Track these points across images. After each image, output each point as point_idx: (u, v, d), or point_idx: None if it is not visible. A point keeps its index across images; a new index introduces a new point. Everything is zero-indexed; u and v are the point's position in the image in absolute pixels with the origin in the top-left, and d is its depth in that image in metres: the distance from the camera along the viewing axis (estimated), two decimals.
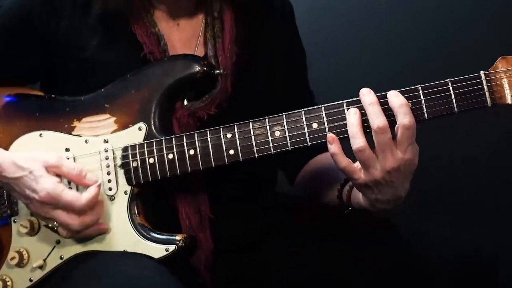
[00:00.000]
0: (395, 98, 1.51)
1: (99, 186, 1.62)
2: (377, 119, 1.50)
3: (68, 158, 1.68)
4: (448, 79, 1.51)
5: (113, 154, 1.68)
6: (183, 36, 1.83)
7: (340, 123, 1.56)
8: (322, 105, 1.58)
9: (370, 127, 1.52)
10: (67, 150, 1.70)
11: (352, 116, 1.53)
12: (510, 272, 1.82)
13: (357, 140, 1.51)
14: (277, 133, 1.60)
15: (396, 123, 1.50)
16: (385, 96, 1.53)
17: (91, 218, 1.62)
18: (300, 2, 2.03)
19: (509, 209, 2.55)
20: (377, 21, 2.64)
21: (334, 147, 1.54)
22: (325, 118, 1.57)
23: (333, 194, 1.77)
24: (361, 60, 2.64)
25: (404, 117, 1.49)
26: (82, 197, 1.59)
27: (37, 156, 1.62)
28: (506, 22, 2.54)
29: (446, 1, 2.60)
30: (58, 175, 1.63)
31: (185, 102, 1.76)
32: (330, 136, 1.55)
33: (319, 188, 1.88)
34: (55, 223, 1.62)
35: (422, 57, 2.59)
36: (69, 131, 1.72)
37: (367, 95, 1.53)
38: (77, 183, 1.65)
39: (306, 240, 1.83)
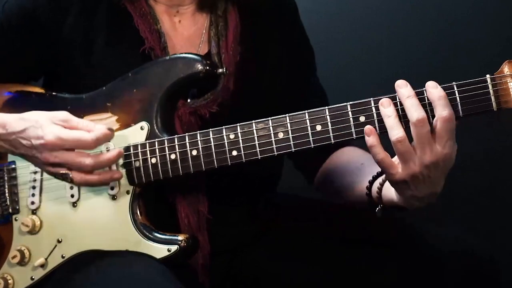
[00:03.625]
0: (434, 90, 1.47)
1: (110, 129, 1.58)
2: (416, 112, 1.45)
3: None
4: (454, 83, 1.50)
5: None
6: (185, 32, 1.83)
7: (345, 125, 1.55)
8: (326, 107, 1.56)
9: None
10: None
11: (387, 108, 1.49)
12: (509, 272, 1.82)
13: (396, 131, 1.46)
14: (281, 135, 1.59)
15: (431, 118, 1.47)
16: (421, 93, 1.49)
17: (93, 176, 1.57)
18: (300, 2, 2.02)
19: (509, 209, 2.56)
20: (379, 20, 2.63)
21: (372, 139, 1.49)
22: (329, 120, 1.55)
23: (360, 191, 1.71)
24: (363, 60, 2.64)
25: (443, 110, 1.45)
26: (91, 133, 1.55)
27: (45, 112, 1.60)
28: (508, 22, 2.53)
29: (447, 1, 2.60)
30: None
31: (188, 100, 1.75)
32: (368, 127, 1.50)
33: (344, 185, 1.82)
34: (66, 171, 1.57)
35: (424, 56, 2.59)
36: None
37: (404, 88, 1.48)
38: (88, 130, 1.57)
39: (304, 240, 1.82)
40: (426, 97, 1.49)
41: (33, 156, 1.58)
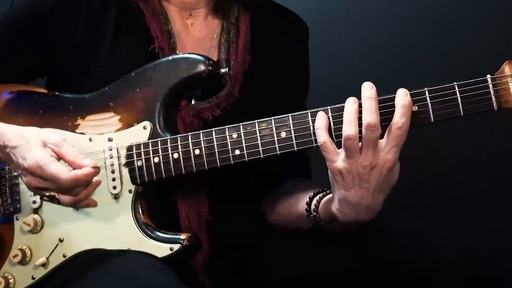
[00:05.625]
0: (400, 97, 1.51)
1: (95, 168, 1.55)
2: (370, 115, 1.48)
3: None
4: (455, 83, 1.52)
5: (118, 152, 1.67)
6: (196, 35, 1.85)
7: None
8: (329, 107, 1.57)
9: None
10: None
11: (351, 104, 1.52)
12: (509, 272, 1.82)
13: (349, 127, 1.49)
14: (283, 134, 1.60)
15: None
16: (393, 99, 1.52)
17: (81, 194, 1.55)
18: (300, 2, 2.03)
19: (509, 209, 2.56)
20: (379, 20, 2.64)
21: (320, 121, 1.53)
22: (331, 120, 1.56)
23: (301, 209, 1.72)
24: (363, 61, 2.64)
25: (400, 117, 1.48)
26: (68, 172, 1.52)
27: (42, 132, 1.60)
28: (508, 22, 2.54)
29: (447, 1, 2.61)
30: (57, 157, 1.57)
31: (192, 102, 1.76)
32: (320, 112, 1.55)
33: (285, 208, 1.84)
34: (53, 193, 1.57)
35: (424, 56, 2.60)
36: (73, 129, 1.72)
37: (367, 89, 1.51)
38: (74, 165, 1.56)
39: (304, 240, 1.82)
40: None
41: (21, 174, 1.58)
